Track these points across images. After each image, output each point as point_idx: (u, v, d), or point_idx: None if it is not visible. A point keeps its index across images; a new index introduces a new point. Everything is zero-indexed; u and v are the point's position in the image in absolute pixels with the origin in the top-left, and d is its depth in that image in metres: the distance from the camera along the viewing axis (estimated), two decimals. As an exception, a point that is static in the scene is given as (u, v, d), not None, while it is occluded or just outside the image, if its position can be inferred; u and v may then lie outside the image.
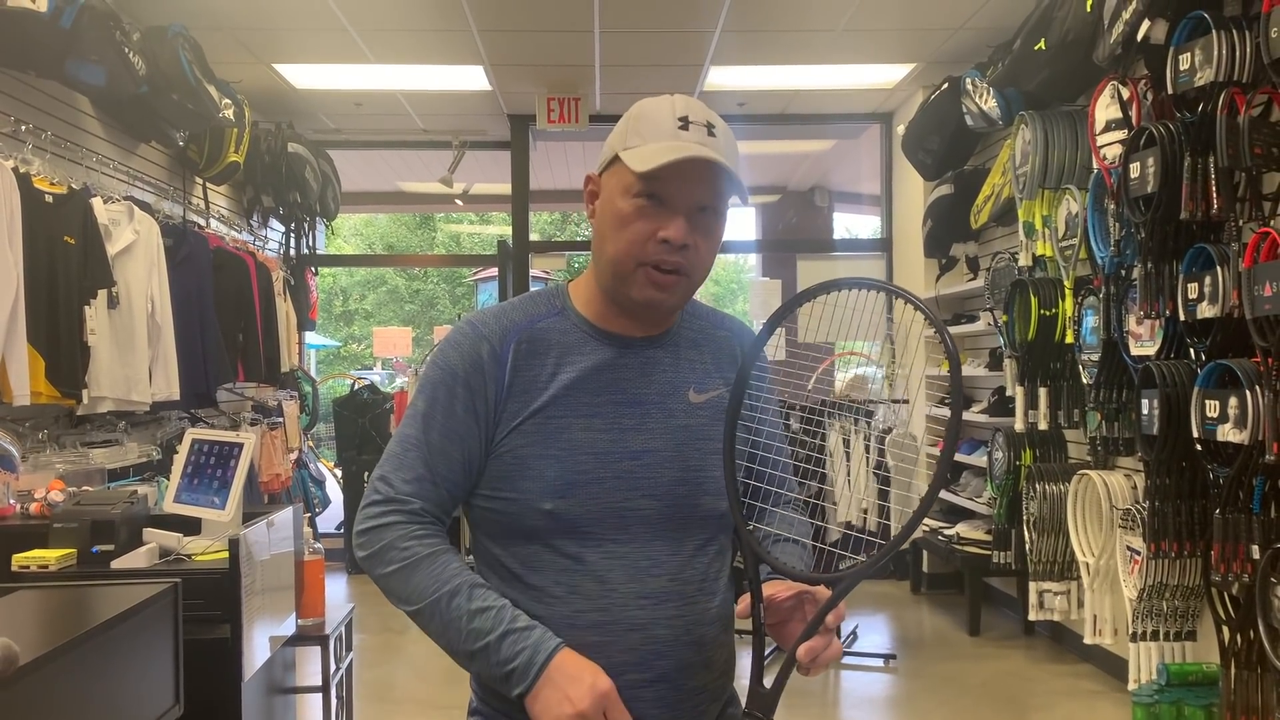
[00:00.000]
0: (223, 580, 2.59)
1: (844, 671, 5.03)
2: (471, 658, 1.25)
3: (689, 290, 1.35)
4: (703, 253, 1.32)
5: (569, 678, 1.19)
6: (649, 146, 1.26)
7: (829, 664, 1.20)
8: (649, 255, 1.29)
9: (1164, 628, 3.75)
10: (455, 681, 4.83)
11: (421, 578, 1.27)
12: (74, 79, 4.04)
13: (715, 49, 5.78)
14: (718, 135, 1.28)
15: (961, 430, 6.22)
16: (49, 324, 3.81)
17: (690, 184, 1.28)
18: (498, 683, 1.24)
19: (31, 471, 3.70)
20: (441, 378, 1.35)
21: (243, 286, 5.59)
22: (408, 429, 1.35)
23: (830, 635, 1.18)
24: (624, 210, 1.29)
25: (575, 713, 1.17)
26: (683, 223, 1.28)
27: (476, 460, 1.34)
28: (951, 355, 1.16)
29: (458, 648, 1.26)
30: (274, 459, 6.08)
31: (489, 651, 1.23)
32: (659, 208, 1.28)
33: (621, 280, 1.32)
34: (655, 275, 1.30)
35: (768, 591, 1.22)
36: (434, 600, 1.26)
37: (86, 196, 4.10)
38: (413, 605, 1.28)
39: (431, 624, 1.27)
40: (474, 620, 1.24)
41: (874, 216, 8.17)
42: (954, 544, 5.81)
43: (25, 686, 1.55)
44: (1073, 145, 4.53)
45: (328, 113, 7.06)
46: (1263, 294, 2.98)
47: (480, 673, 1.28)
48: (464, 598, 1.26)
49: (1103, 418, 4.05)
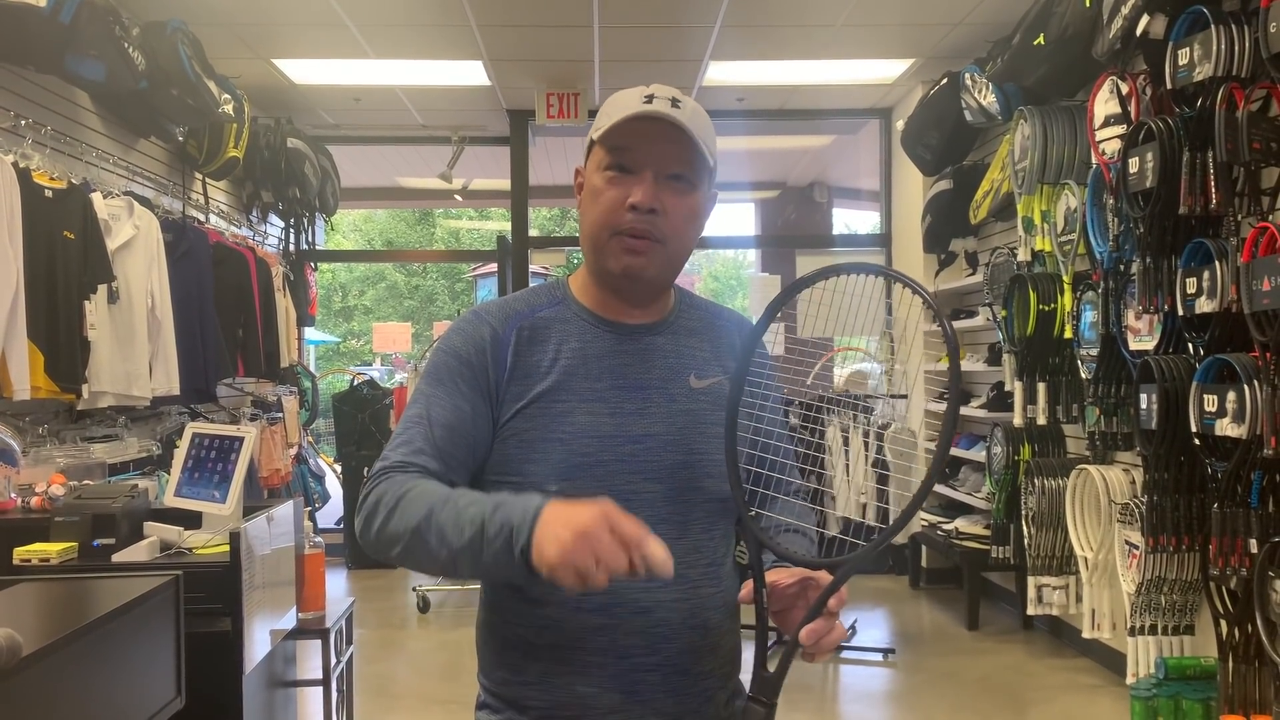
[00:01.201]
0: (224, 574, 2.59)
1: (843, 666, 5.04)
2: (469, 549, 1.16)
3: (667, 260, 1.35)
4: (675, 220, 1.33)
5: (565, 509, 1.12)
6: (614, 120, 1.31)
7: (831, 649, 1.19)
8: (621, 223, 1.31)
9: (1162, 622, 3.76)
10: (454, 677, 4.84)
11: (413, 503, 1.22)
12: (73, 74, 4.04)
13: (714, 44, 5.78)
14: (683, 107, 1.31)
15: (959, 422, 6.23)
16: (49, 319, 3.81)
17: (655, 148, 1.31)
18: (499, 561, 1.14)
19: (32, 466, 3.71)
20: (445, 360, 1.36)
21: (242, 282, 5.59)
22: (412, 409, 1.35)
23: (833, 619, 1.18)
24: (597, 184, 1.33)
25: (577, 532, 1.08)
26: (649, 187, 1.30)
27: (483, 440, 1.34)
28: (950, 341, 1.16)
29: (455, 546, 1.17)
30: (274, 454, 6.09)
31: (485, 529, 1.15)
32: (627, 176, 1.32)
33: (599, 254, 1.35)
34: (627, 242, 1.32)
35: (771, 578, 1.22)
36: (428, 512, 1.20)
37: (86, 191, 4.11)
38: (408, 531, 1.21)
39: (429, 538, 1.19)
40: (468, 511, 1.18)
41: (873, 212, 8.17)
42: (953, 539, 5.82)
43: (28, 678, 1.55)
44: (1071, 140, 4.54)
45: (327, 108, 7.06)
46: (1261, 289, 2.99)
47: (481, 565, 1.17)
48: (458, 497, 1.21)
49: (1101, 413, 4.06)
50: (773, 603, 1.23)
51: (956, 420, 1.15)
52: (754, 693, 1.18)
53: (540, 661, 1.32)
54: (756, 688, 1.18)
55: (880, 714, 4.54)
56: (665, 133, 1.30)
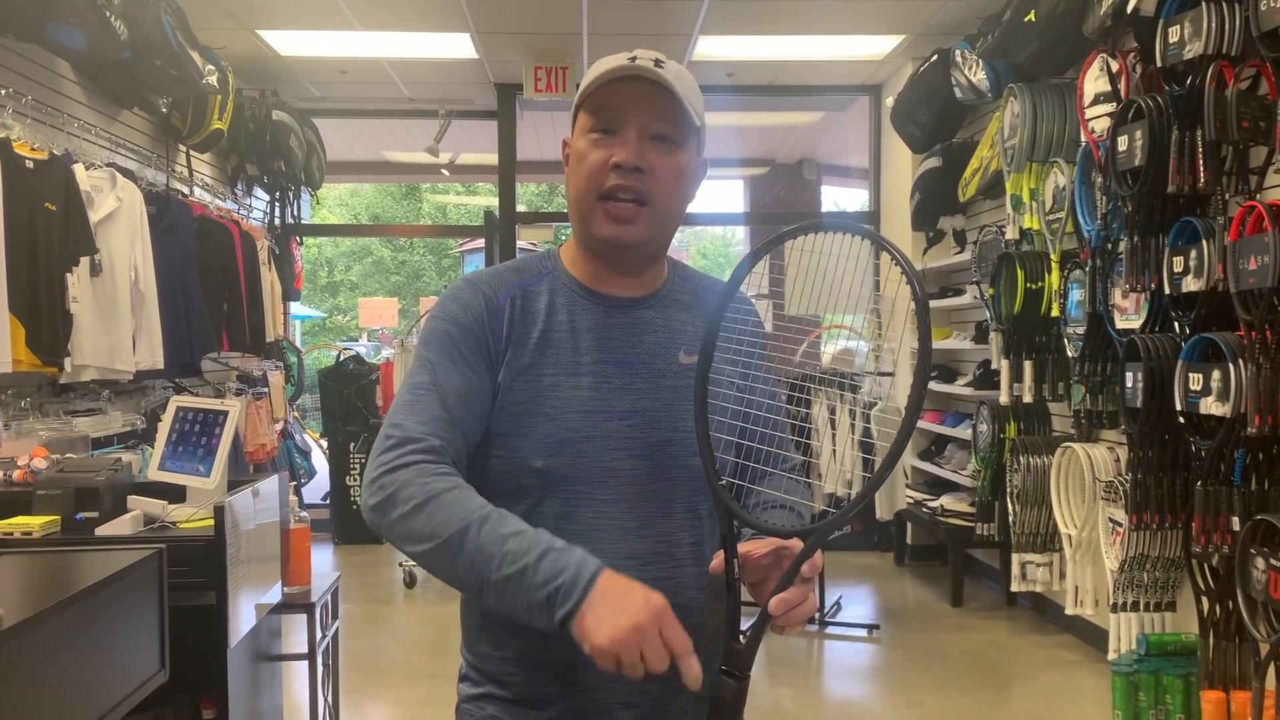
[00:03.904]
0: (208, 547, 2.58)
1: (827, 641, 5.07)
2: (504, 586, 1.13)
3: (654, 223, 1.33)
4: (663, 179, 1.31)
5: (622, 590, 1.10)
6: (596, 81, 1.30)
7: (802, 621, 1.17)
8: (606, 185, 1.29)
9: (1144, 599, 3.79)
10: (439, 651, 4.85)
11: (447, 510, 1.18)
12: (54, 43, 3.98)
13: (704, 18, 5.74)
14: (666, 67, 1.29)
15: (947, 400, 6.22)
16: (30, 291, 3.77)
17: (637, 106, 1.29)
18: (533, 610, 1.12)
19: (14, 439, 3.68)
20: (444, 326, 1.33)
21: (227, 256, 5.55)
22: (417, 377, 1.31)
23: (806, 588, 1.17)
24: (581, 148, 1.32)
25: (632, 625, 1.07)
26: (633, 145, 1.29)
27: (488, 405, 1.31)
28: (920, 301, 1.12)
29: (488, 576, 1.14)
30: (259, 429, 6.07)
31: (526, 573, 1.12)
32: (611, 137, 1.30)
33: (585, 221, 1.33)
34: (613, 207, 1.30)
35: (744, 549, 1.21)
36: (462, 528, 1.16)
37: (68, 163, 4.06)
38: (436, 539, 1.17)
39: (459, 557, 1.16)
40: (508, 543, 1.14)
41: (862, 189, 8.17)
42: (937, 516, 5.85)
43: (10, 650, 1.55)
44: (1061, 118, 4.53)
45: (312, 80, 6.99)
46: (1247, 267, 2.99)
47: (509, 603, 1.15)
48: (497, 523, 1.17)
49: (1087, 391, 4.07)
50: (747, 574, 1.22)
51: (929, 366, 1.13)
52: (725, 665, 1.16)
53: (521, 638, 1.30)
54: (728, 660, 1.16)
55: (864, 689, 4.57)
56: (648, 90, 1.28)
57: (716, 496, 1.23)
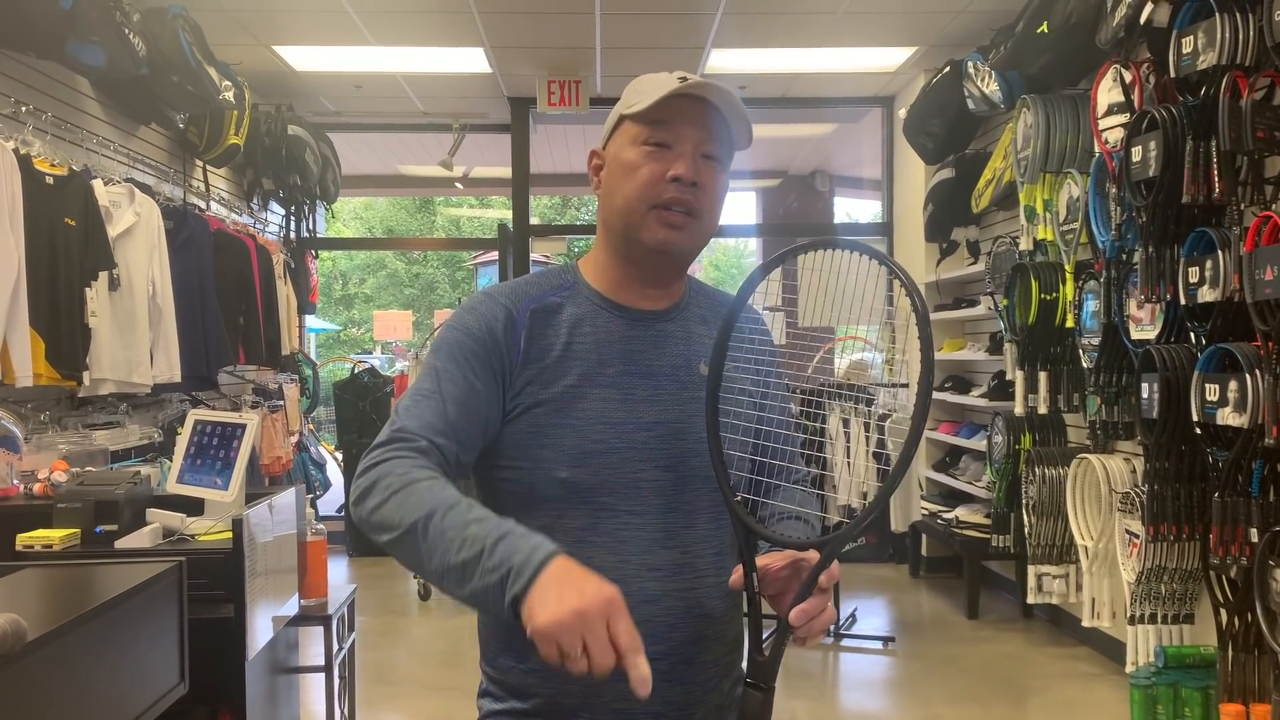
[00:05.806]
0: (226, 560, 2.60)
1: (843, 654, 5.06)
2: (462, 570, 1.10)
3: (698, 236, 1.36)
4: (711, 196, 1.35)
5: (574, 575, 1.05)
6: (652, 97, 1.32)
7: (823, 631, 1.19)
8: (661, 195, 1.32)
9: (1162, 610, 3.76)
10: (454, 664, 4.86)
11: (418, 497, 1.16)
12: (74, 60, 4.03)
13: (716, 31, 5.76)
14: (721, 92, 1.33)
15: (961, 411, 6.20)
16: (50, 306, 3.81)
17: (694, 127, 1.33)
18: (489, 593, 1.08)
19: (34, 452, 3.71)
20: (457, 337, 1.34)
21: (243, 269, 5.59)
22: (422, 383, 1.32)
23: (824, 598, 1.17)
24: (632, 159, 1.33)
25: (574, 609, 1.01)
26: (691, 160, 1.32)
27: (493, 421, 1.32)
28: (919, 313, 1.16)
29: (447, 560, 1.11)
30: (275, 442, 6.10)
31: (481, 557, 1.08)
32: (665, 152, 1.32)
33: (634, 228, 1.34)
34: (667, 215, 1.32)
35: (761, 562, 1.22)
36: (427, 514, 1.14)
37: (87, 178, 4.10)
38: (402, 526, 1.15)
39: (423, 542, 1.13)
40: (470, 528, 1.11)
41: (875, 201, 8.16)
42: (953, 528, 5.83)
43: (32, 663, 1.56)
44: (1074, 129, 4.53)
45: (328, 95, 7.04)
46: (1264, 278, 2.98)
47: (469, 590, 1.10)
48: (463, 510, 1.14)
49: (1102, 402, 4.06)
50: (766, 587, 1.22)
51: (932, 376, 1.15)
52: (750, 677, 1.17)
53: None
54: (752, 672, 1.17)
55: (880, 702, 4.55)
56: (705, 116, 1.33)
57: (733, 512, 1.24)
